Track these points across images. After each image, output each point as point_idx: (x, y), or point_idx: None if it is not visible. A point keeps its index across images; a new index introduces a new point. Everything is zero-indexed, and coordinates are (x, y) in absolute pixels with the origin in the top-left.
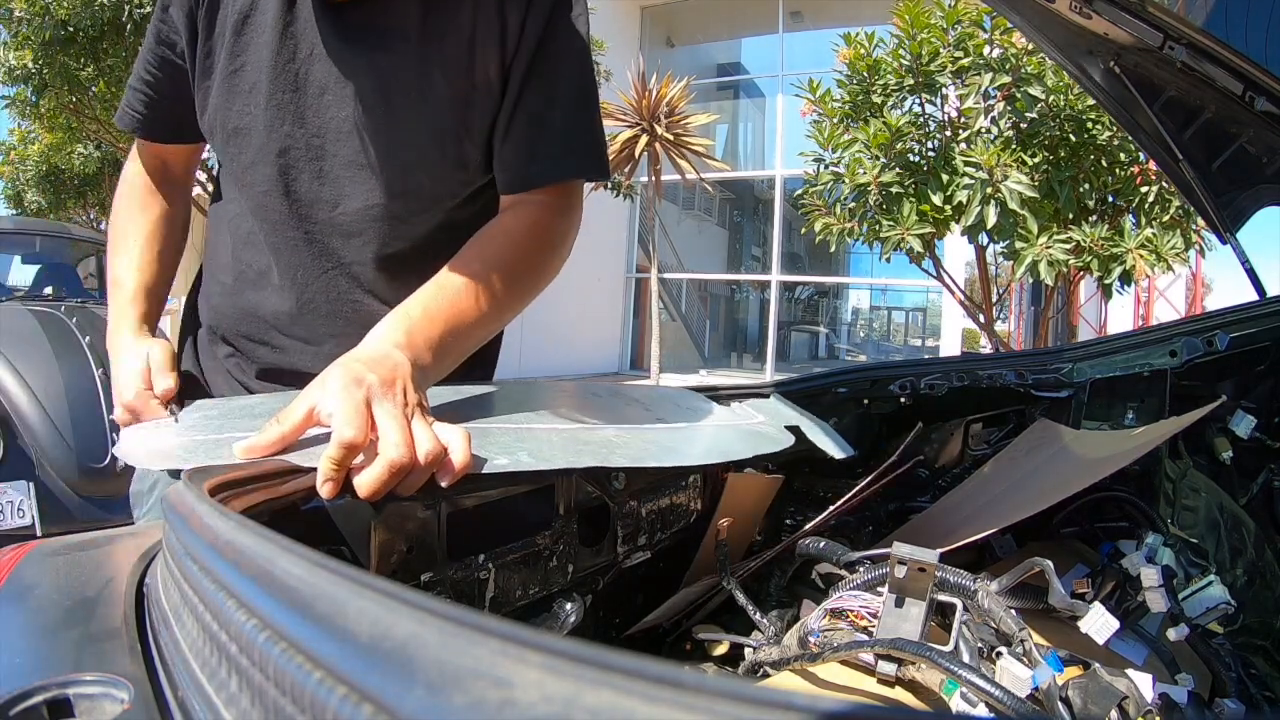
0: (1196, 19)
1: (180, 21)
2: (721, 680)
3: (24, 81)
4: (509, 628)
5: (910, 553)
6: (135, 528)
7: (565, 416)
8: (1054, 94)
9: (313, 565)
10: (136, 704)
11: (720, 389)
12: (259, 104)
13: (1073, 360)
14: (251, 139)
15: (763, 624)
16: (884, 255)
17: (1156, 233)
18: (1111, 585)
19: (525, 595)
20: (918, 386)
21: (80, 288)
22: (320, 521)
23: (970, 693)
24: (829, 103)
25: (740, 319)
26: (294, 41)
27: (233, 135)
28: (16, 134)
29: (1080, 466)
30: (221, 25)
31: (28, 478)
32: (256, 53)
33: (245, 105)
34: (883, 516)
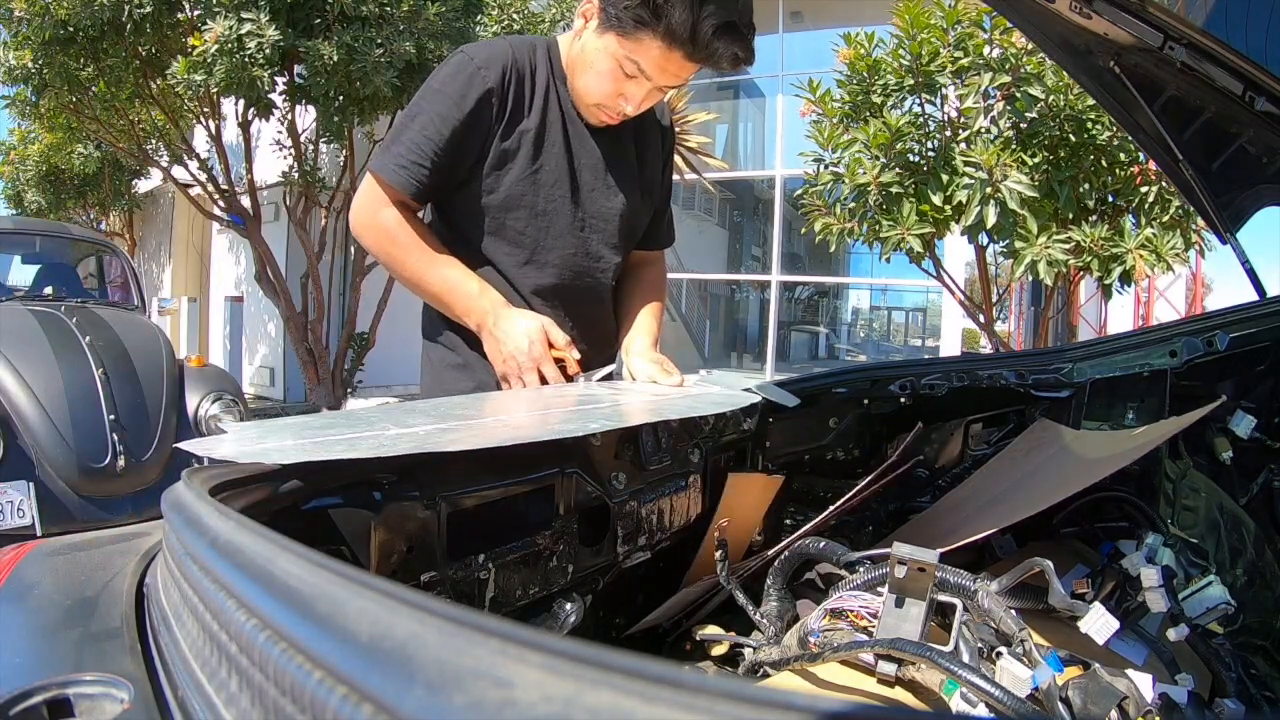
0: (1196, 19)
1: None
2: (721, 680)
3: (24, 81)
4: (509, 628)
5: (910, 553)
6: (135, 528)
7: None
8: (1054, 94)
9: (313, 565)
10: (136, 704)
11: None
12: (564, 195)
13: (1073, 360)
14: (558, 219)
15: (763, 624)
16: (884, 255)
17: (1156, 233)
18: (1111, 585)
19: (525, 595)
20: (918, 386)
21: (80, 288)
22: (320, 521)
23: (970, 693)
24: (829, 103)
25: (740, 319)
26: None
27: (540, 215)
28: (16, 134)
29: (1080, 466)
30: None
31: (28, 478)
32: (554, 159)
33: (550, 194)
34: (883, 516)
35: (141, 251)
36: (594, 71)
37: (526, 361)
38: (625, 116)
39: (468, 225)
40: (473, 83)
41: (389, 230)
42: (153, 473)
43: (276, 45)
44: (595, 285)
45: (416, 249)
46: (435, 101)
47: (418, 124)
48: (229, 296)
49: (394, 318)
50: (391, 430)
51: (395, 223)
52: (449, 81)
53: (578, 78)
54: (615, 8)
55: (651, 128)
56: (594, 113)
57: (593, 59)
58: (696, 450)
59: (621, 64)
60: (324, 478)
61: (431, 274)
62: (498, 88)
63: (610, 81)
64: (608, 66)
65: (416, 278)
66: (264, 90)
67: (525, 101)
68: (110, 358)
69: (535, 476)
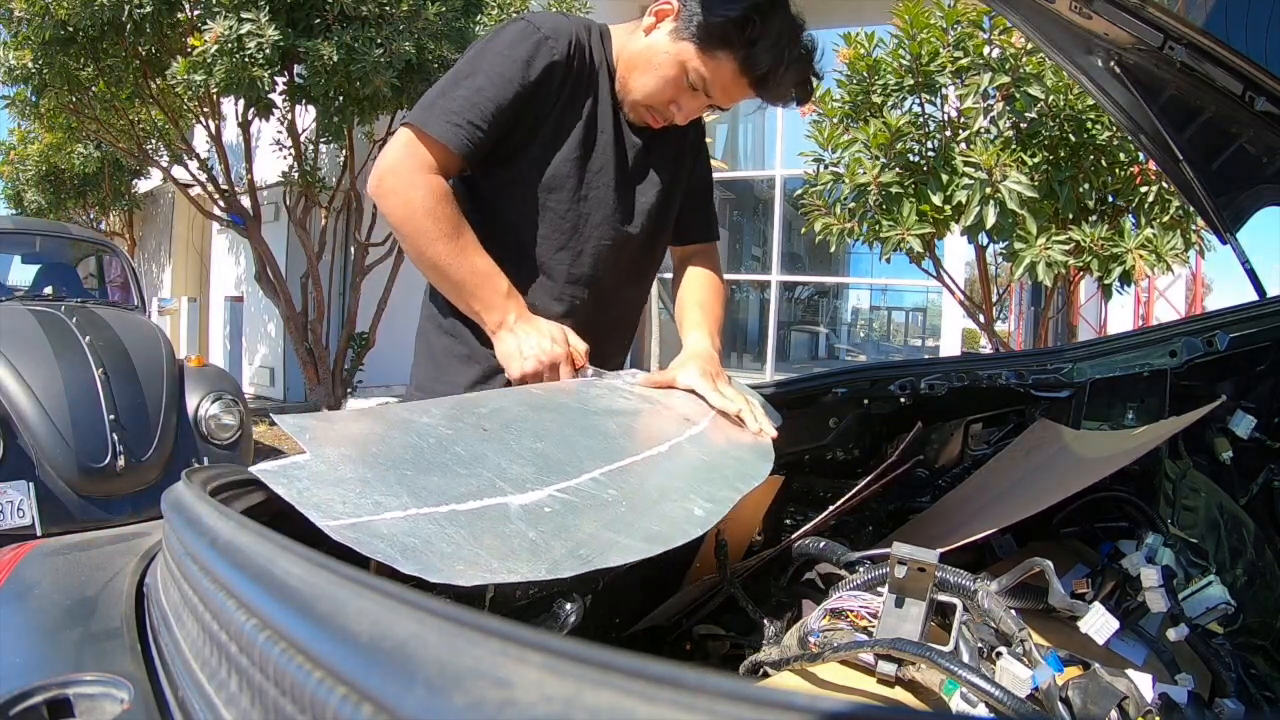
0: (1196, 19)
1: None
2: (721, 680)
3: (24, 81)
4: (509, 628)
5: (910, 553)
6: (135, 528)
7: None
8: (1054, 94)
9: (313, 565)
10: (136, 704)
11: None
12: (607, 183)
13: (1073, 360)
14: (600, 207)
15: (763, 624)
16: (884, 255)
17: (1156, 233)
18: (1111, 585)
19: (525, 595)
20: (918, 386)
21: (80, 288)
22: None
23: (970, 693)
24: (829, 103)
25: (740, 319)
26: (621, 144)
27: (582, 200)
28: (16, 134)
29: (1080, 466)
30: (572, 118)
31: (28, 478)
32: (604, 146)
33: (595, 180)
34: (883, 516)
35: (141, 251)
36: (657, 74)
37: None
38: (669, 123)
39: (503, 202)
40: (539, 51)
41: (424, 201)
42: (153, 473)
43: (276, 45)
44: (625, 278)
45: (450, 230)
46: (497, 63)
47: (474, 82)
48: (229, 296)
49: (394, 318)
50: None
51: (433, 194)
52: (514, 46)
53: (636, 76)
54: (704, 18)
55: (688, 135)
56: (640, 113)
57: (660, 61)
58: None
59: (688, 74)
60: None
61: (461, 262)
62: (564, 61)
63: (671, 88)
64: (673, 73)
65: (442, 261)
66: (264, 90)
67: (584, 82)
68: (110, 358)
69: None
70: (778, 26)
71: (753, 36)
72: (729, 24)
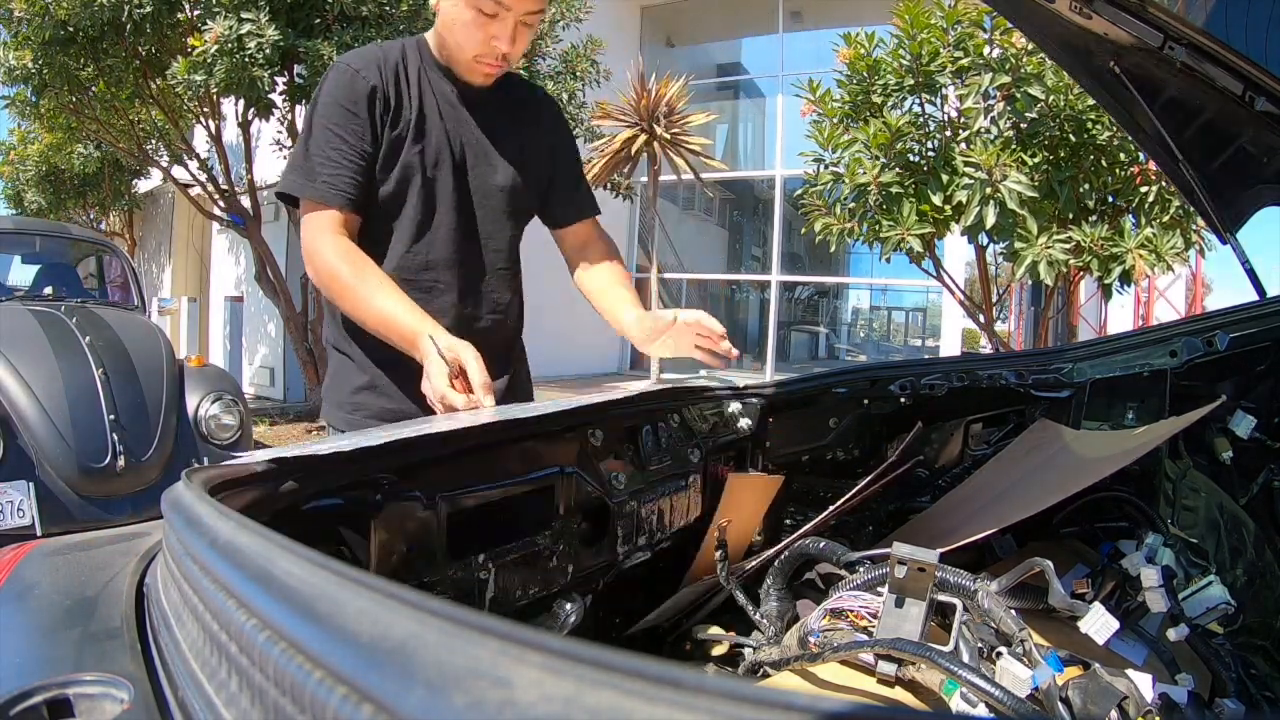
0: (1196, 19)
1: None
2: (721, 680)
3: (24, 81)
4: (509, 628)
5: (910, 553)
6: (135, 528)
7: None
8: (1054, 94)
9: (313, 565)
10: (136, 704)
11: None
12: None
13: (1073, 360)
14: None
15: (763, 624)
16: (884, 255)
17: (1156, 233)
18: (1111, 585)
19: (525, 595)
20: (918, 386)
21: (80, 288)
22: (320, 521)
23: (970, 693)
24: (829, 103)
25: (740, 319)
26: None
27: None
28: (16, 134)
29: (1080, 466)
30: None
31: (28, 478)
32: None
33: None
34: (883, 516)
35: (141, 251)
36: (460, 25)
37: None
38: (505, 59)
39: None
40: (354, 85)
41: (326, 261)
42: (153, 473)
43: (276, 45)
44: (483, 255)
45: (353, 278)
46: (326, 112)
47: (319, 138)
48: (229, 296)
49: None
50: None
51: (334, 252)
52: (334, 90)
53: (449, 40)
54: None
55: (528, 103)
56: (476, 68)
57: (454, 15)
58: (696, 450)
59: (480, 6)
60: (324, 478)
61: (370, 305)
62: (379, 84)
63: (477, 29)
64: (469, 16)
65: (356, 310)
66: (264, 90)
67: (404, 91)
68: (110, 358)
69: (535, 477)
70: None
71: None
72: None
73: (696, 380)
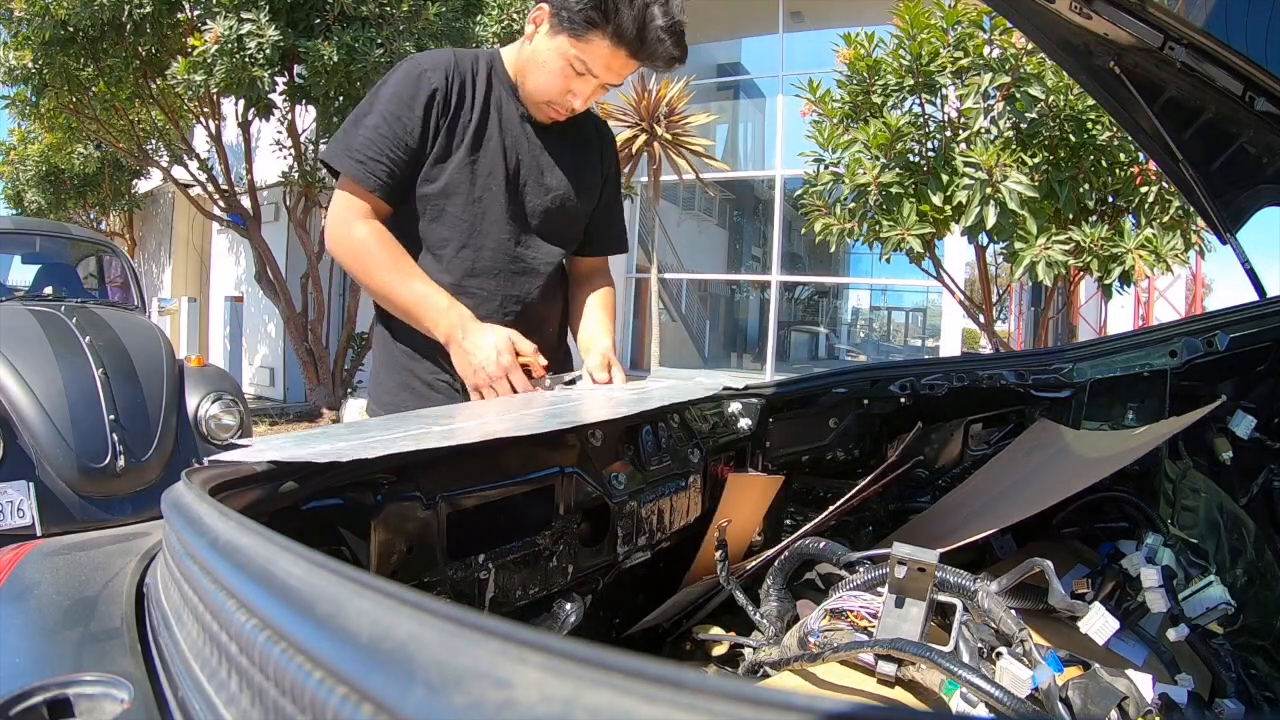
0: (1196, 19)
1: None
2: (721, 680)
3: (24, 81)
4: (509, 628)
5: (910, 553)
6: (135, 528)
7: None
8: (1054, 94)
9: (313, 565)
10: (136, 704)
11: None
12: (499, 185)
13: (1073, 360)
14: (493, 206)
15: (763, 624)
16: (884, 255)
17: (1156, 233)
18: (1111, 585)
19: (525, 595)
20: (918, 386)
21: (80, 288)
22: (320, 521)
23: (970, 693)
24: (829, 103)
25: (740, 319)
26: (510, 151)
27: (475, 201)
28: (16, 134)
29: (1080, 466)
30: (460, 132)
31: (28, 478)
32: (490, 153)
33: (485, 183)
34: (883, 516)
35: (141, 251)
36: (546, 71)
37: (496, 370)
38: (573, 111)
39: (409, 217)
40: (420, 83)
41: (362, 244)
42: (153, 473)
43: (276, 45)
44: (528, 270)
45: (387, 262)
46: (387, 101)
47: (370, 120)
48: (229, 296)
49: None
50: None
51: (367, 236)
52: (400, 83)
53: (529, 78)
54: (568, 10)
55: (589, 133)
56: (544, 110)
57: (544, 59)
58: (696, 450)
59: (571, 63)
60: (324, 478)
61: (402, 288)
62: (442, 87)
63: (560, 79)
64: (558, 65)
65: (386, 291)
66: (264, 90)
67: (467, 100)
68: (110, 358)
69: (535, 476)
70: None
71: (612, 9)
72: (589, 6)
73: (695, 381)
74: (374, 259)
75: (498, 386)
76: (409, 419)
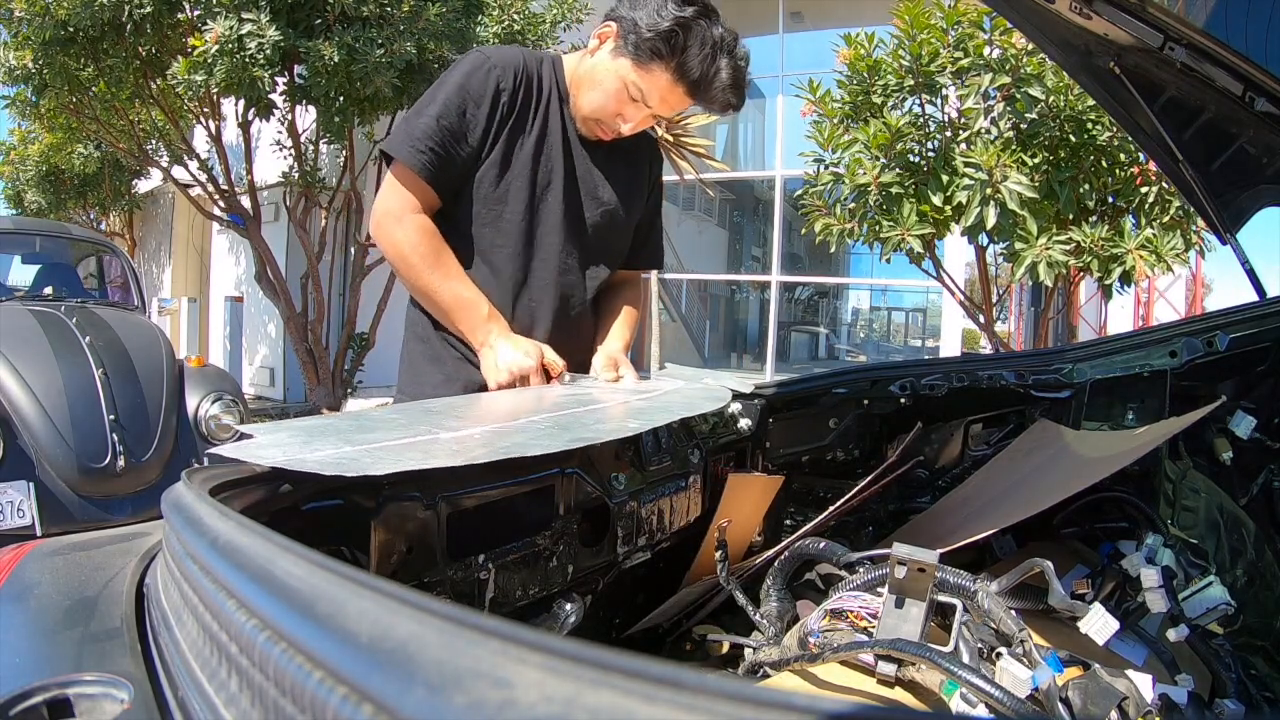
0: (1196, 19)
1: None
2: (721, 680)
3: (24, 81)
4: (509, 628)
5: (910, 553)
6: (135, 528)
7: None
8: (1054, 94)
9: (313, 565)
10: (136, 704)
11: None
12: (556, 197)
13: (1073, 361)
14: (550, 217)
15: (762, 624)
16: (884, 256)
17: (1156, 233)
18: (1111, 586)
19: (525, 595)
20: (918, 387)
21: (80, 288)
22: (320, 521)
23: (970, 693)
24: (829, 103)
25: (740, 319)
26: (569, 163)
27: (534, 211)
28: (16, 134)
29: (1080, 467)
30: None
31: (28, 478)
32: (550, 163)
33: (544, 195)
34: (883, 516)
35: (141, 251)
36: (601, 89)
37: (519, 371)
38: (618, 135)
39: (465, 218)
40: (489, 79)
41: (410, 238)
42: (153, 473)
43: (277, 45)
44: (575, 284)
45: (435, 262)
46: (453, 93)
47: (433, 110)
48: (229, 296)
49: (394, 318)
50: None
51: (417, 232)
52: (468, 76)
53: (583, 93)
54: (636, 35)
55: (642, 147)
56: (591, 127)
57: (602, 78)
58: (696, 451)
59: (628, 87)
60: (323, 478)
61: (444, 289)
62: (510, 88)
63: (614, 101)
64: (614, 87)
65: (430, 289)
66: (264, 90)
67: (531, 105)
68: (110, 358)
69: (535, 477)
70: (703, 36)
71: (681, 46)
72: (658, 37)
73: (703, 382)
74: (420, 254)
75: (518, 384)
76: (416, 417)
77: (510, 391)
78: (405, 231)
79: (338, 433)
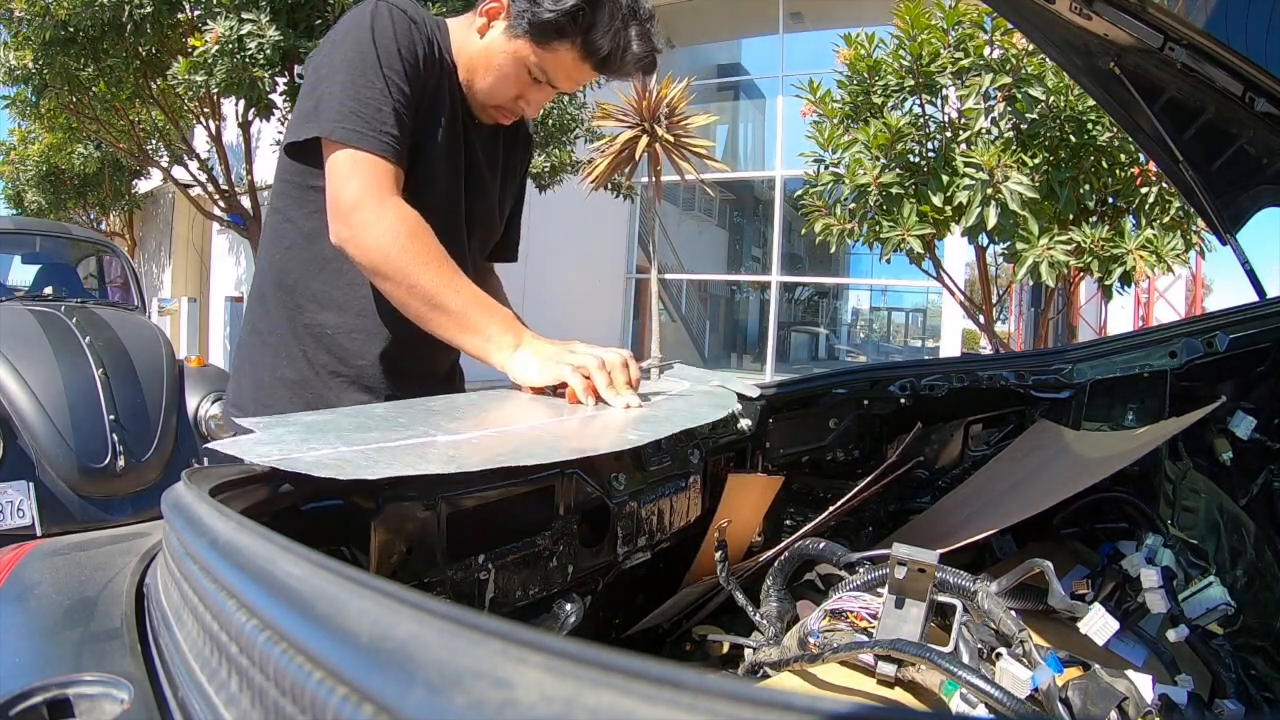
0: (1196, 20)
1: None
2: (721, 680)
3: (24, 81)
4: (509, 628)
5: (910, 553)
6: (135, 528)
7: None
8: (1054, 95)
9: (313, 565)
10: (136, 704)
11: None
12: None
13: (1073, 361)
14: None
15: (762, 625)
16: (884, 256)
17: (1157, 234)
18: (1111, 586)
19: (525, 595)
20: (917, 387)
21: (80, 288)
22: (320, 521)
23: (970, 693)
24: (829, 103)
25: (740, 320)
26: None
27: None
28: (16, 134)
29: (1080, 467)
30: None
31: (28, 478)
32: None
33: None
34: (883, 517)
35: (141, 251)
36: (499, 75)
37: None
38: (519, 118)
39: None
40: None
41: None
42: (153, 473)
43: (277, 45)
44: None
45: (437, 254)
46: (391, 60)
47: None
48: (229, 296)
49: None
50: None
51: (410, 218)
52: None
53: (478, 78)
54: (534, 13)
55: (519, 136)
56: (490, 113)
57: (499, 62)
58: (696, 451)
59: (530, 70)
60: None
61: (456, 288)
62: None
63: (514, 86)
64: (513, 71)
65: (434, 289)
66: (264, 90)
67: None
68: (110, 358)
69: (535, 477)
70: (610, 8)
71: (586, 24)
72: (562, 16)
73: (712, 385)
74: (422, 248)
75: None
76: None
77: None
78: (393, 219)
79: (337, 431)
